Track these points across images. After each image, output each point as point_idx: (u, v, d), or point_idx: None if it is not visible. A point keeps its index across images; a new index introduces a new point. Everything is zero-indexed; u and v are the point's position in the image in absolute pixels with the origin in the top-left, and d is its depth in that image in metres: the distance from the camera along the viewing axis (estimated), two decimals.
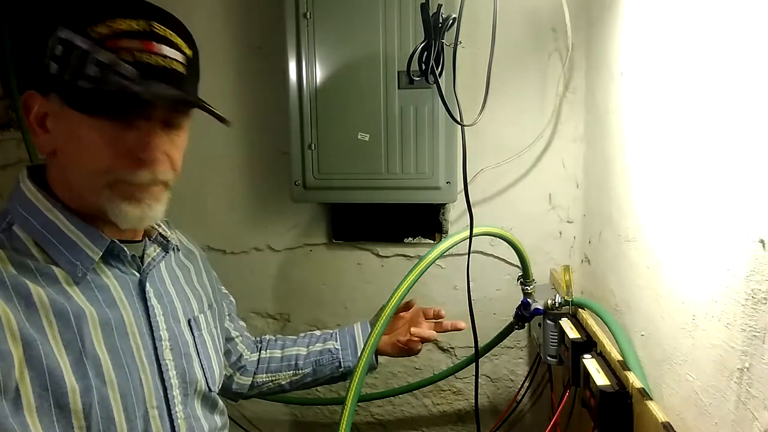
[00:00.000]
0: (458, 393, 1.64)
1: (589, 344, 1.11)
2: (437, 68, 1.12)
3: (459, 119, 1.09)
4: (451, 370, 1.50)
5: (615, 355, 1.03)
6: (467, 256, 1.15)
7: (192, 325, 0.92)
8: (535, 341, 1.38)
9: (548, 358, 1.24)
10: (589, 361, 1.04)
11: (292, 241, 1.60)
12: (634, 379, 0.94)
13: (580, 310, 1.23)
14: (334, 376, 1.18)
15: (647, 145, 1.00)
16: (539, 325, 1.28)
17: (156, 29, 0.74)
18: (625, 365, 0.99)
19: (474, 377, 1.25)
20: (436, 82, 1.12)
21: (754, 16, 0.67)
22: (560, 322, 1.21)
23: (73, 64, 0.70)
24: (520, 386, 1.56)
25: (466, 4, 1.06)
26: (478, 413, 1.31)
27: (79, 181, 0.76)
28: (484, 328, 1.32)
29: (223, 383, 1.04)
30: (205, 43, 0.84)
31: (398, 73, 1.31)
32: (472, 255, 1.16)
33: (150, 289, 0.84)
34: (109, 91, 0.70)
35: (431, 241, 1.54)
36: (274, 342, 1.21)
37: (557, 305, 1.23)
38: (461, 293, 1.54)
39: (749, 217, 0.68)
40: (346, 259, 1.59)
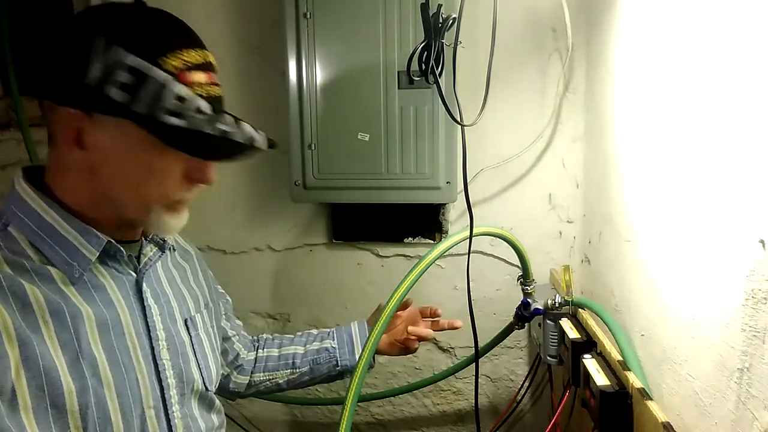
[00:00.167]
0: (458, 393, 1.64)
1: (589, 344, 1.11)
2: (437, 68, 1.12)
3: (459, 119, 1.09)
4: (451, 370, 1.50)
5: (615, 355, 1.03)
6: (467, 256, 1.15)
7: (189, 324, 0.92)
8: (535, 341, 1.38)
9: (548, 358, 1.24)
10: (589, 361, 1.04)
11: (292, 241, 1.60)
12: (634, 379, 0.94)
13: (580, 310, 1.23)
14: (331, 374, 1.18)
15: (647, 145, 1.00)
16: (539, 325, 1.28)
17: (210, 59, 0.77)
18: (625, 365, 0.99)
19: (474, 377, 1.25)
20: (436, 82, 1.12)
21: (755, 15, 0.67)
22: (560, 322, 1.21)
23: (149, 95, 0.70)
24: (520, 386, 1.56)
25: (466, 4, 1.06)
26: (478, 413, 1.31)
27: (128, 199, 0.77)
28: (484, 328, 1.32)
29: (221, 382, 1.04)
30: (205, 43, 0.84)
31: (398, 73, 1.31)
32: (472, 255, 1.16)
33: (147, 289, 0.84)
34: (208, 134, 0.73)
35: (431, 241, 1.54)
36: (271, 341, 1.21)
37: (557, 305, 1.23)
38: (461, 293, 1.54)
39: (749, 218, 0.68)
40: (346, 259, 1.59)
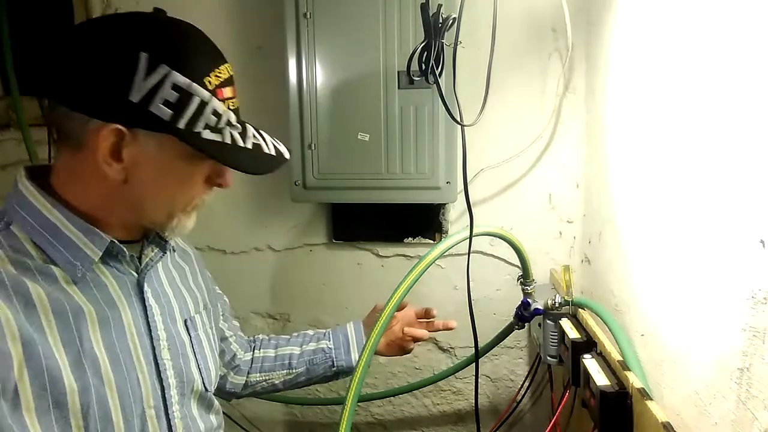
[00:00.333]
0: (458, 393, 1.64)
1: (589, 344, 1.11)
2: (437, 68, 1.12)
3: (459, 119, 1.09)
4: (451, 370, 1.51)
5: (615, 355, 1.03)
6: (467, 256, 1.15)
7: (188, 325, 0.92)
8: (535, 341, 1.38)
9: (548, 358, 1.24)
10: (589, 361, 1.04)
11: (292, 241, 1.60)
12: (634, 379, 0.94)
13: (580, 310, 1.23)
14: (327, 375, 1.19)
15: (648, 145, 1.00)
16: (539, 325, 1.28)
17: (231, 72, 0.79)
18: (625, 365, 0.99)
19: (474, 377, 1.25)
20: (436, 82, 1.12)
21: (754, 16, 0.67)
22: (560, 322, 1.21)
23: (191, 112, 0.73)
24: (520, 386, 1.56)
25: (466, 4, 1.06)
26: (478, 413, 1.31)
27: (156, 206, 0.80)
28: (484, 328, 1.32)
29: (217, 383, 1.04)
30: None
31: (398, 73, 1.31)
32: (472, 255, 1.16)
33: (148, 289, 0.85)
34: (242, 147, 0.78)
35: (431, 241, 1.54)
36: (268, 341, 1.21)
37: (557, 305, 1.23)
38: (461, 293, 1.54)
39: (749, 218, 0.68)
40: (346, 259, 1.60)
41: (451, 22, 1.10)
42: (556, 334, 1.22)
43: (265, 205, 1.58)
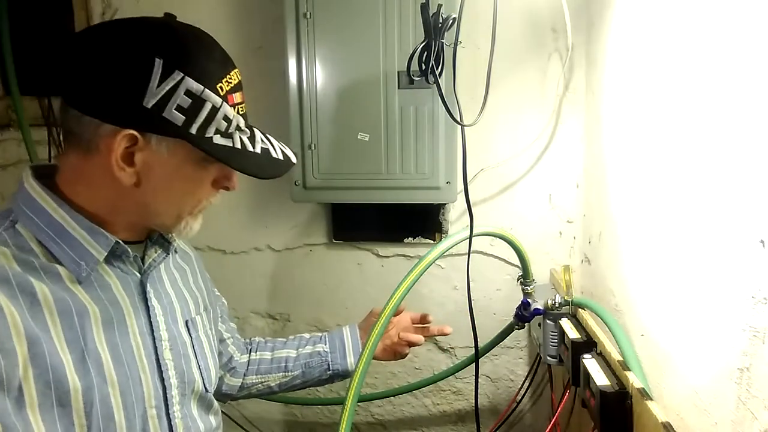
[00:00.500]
0: (458, 393, 1.64)
1: (589, 344, 1.11)
2: (437, 68, 1.13)
3: (459, 119, 1.09)
4: (451, 370, 1.51)
5: (615, 355, 1.03)
6: (467, 256, 1.15)
7: (189, 326, 0.92)
8: (535, 341, 1.38)
9: (548, 358, 1.24)
10: (589, 361, 1.04)
11: (292, 241, 1.60)
12: (634, 379, 0.94)
13: (580, 310, 1.23)
14: (323, 378, 1.20)
15: (647, 145, 1.00)
16: (539, 325, 1.28)
17: (240, 77, 0.80)
18: (625, 365, 0.99)
19: (474, 377, 1.25)
20: (436, 82, 1.12)
21: (753, 16, 0.67)
22: (560, 322, 1.21)
23: (203, 117, 0.74)
24: (520, 386, 1.56)
25: (466, 4, 1.06)
26: (478, 413, 1.31)
27: (166, 209, 0.81)
28: (484, 328, 1.32)
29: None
30: None
31: (398, 73, 1.31)
32: (472, 255, 1.16)
33: (150, 290, 0.85)
34: (251, 152, 0.80)
35: (431, 241, 1.54)
36: (264, 344, 1.21)
37: (557, 305, 1.23)
38: (461, 293, 1.55)
39: (749, 218, 0.68)
40: (346, 259, 1.60)
41: (451, 22, 1.10)
42: (556, 334, 1.22)
43: (265, 205, 1.58)
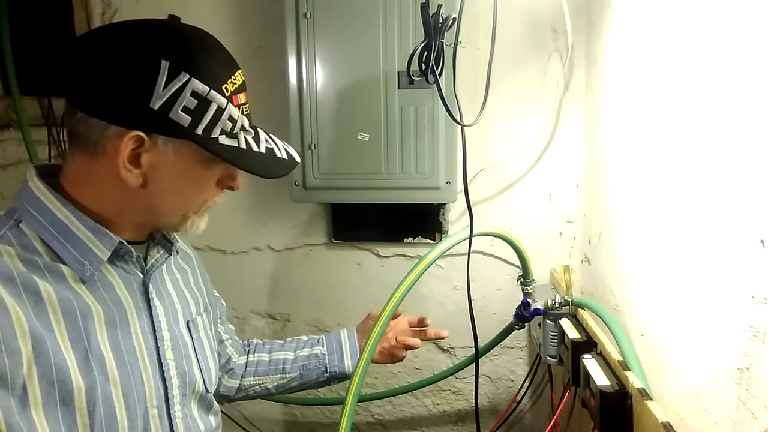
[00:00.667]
0: (458, 393, 1.64)
1: (589, 344, 1.11)
2: (437, 68, 1.13)
3: (459, 119, 1.09)
4: (451, 370, 1.51)
5: (615, 355, 1.03)
6: (467, 256, 1.15)
7: (190, 326, 0.92)
8: (535, 341, 1.38)
9: (548, 358, 1.24)
10: (589, 361, 1.04)
11: (292, 241, 1.60)
12: (634, 379, 0.94)
13: (580, 310, 1.23)
14: (320, 380, 1.20)
15: (647, 145, 1.00)
16: (539, 325, 1.28)
17: (244, 78, 0.81)
18: (625, 365, 0.99)
19: (474, 377, 1.26)
20: (436, 82, 1.12)
21: (756, 14, 0.67)
22: (560, 322, 1.21)
23: (209, 118, 0.75)
24: (520, 386, 1.56)
25: (466, 4, 1.06)
26: (478, 413, 1.31)
27: (173, 209, 0.82)
28: (484, 328, 1.32)
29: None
30: None
31: (398, 73, 1.31)
32: (472, 255, 1.16)
33: (153, 290, 0.85)
34: (256, 152, 0.80)
35: (431, 241, 1.54)
36: (262, 346, 1.21)
37: (557, 305, 1.23)
38: (461, 293, 1.55)
39: (749, 218, 0.68)
40: (346, 259, 1.60)
41: (451, 22, 1.10)
42: (556, 334, 1.22)
43: (265, 205, 1.58)
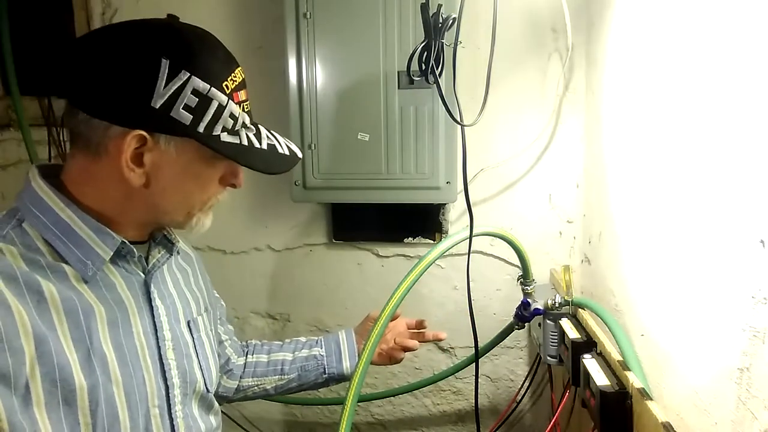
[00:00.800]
0: (458, 393, 1.64)
1: (589, 344, 1.11)
2: (437, 68, 1.13)
3: (459, 119, 1.09)
4: (451, 370, 1.51)
5: (615, 355, 1.03)
6: (467, 256, 1.15)
7: (191, 326, 0.93)
8: (535, 341, 1.38)
9: (548, 358, 1.24)
10: (589, 361, 1.04)
11: (292, 241, 1.60)
12: (634, 379, 0.94)
13: (580, 310, 1.23)
14: (318, 382, 1.20)
15: (647, 145, 1.00)
16: (539, 325, 1.28)
17: (244, 75, 0.81)
18: (625, 365, 0.99)
19: (474, 377, 1.26)
20: (436, 82, 1.12)
21: (756, 14, 0.67)
22: (560, 322, 1.21)
23: (210, 116, 0.75)
24: (520, 386, 1.56)
25: (466, 4, 1.06)
26: (478, 413, 1.31)
27: (176, 207, 0.82)
28: (484, 328, 1.32)
29: None
30: None
31: (398, 73, 1.31)
32: (472, 255, 1.16)
33: (154, 290, 0.85)
34: (258, 148, 0.80)
35: (431, 241, 1.54)
36: (261, 347, 1.21)
37: (557, 305, 1.23)
38: (461, 293, 1.55)
39: (749, 218, 0.68)
40: (346, 259, 1.60)
41: (451, 22, 1.10)
42: (556, 334, 1.22)
43: (265, 205, 1.58)
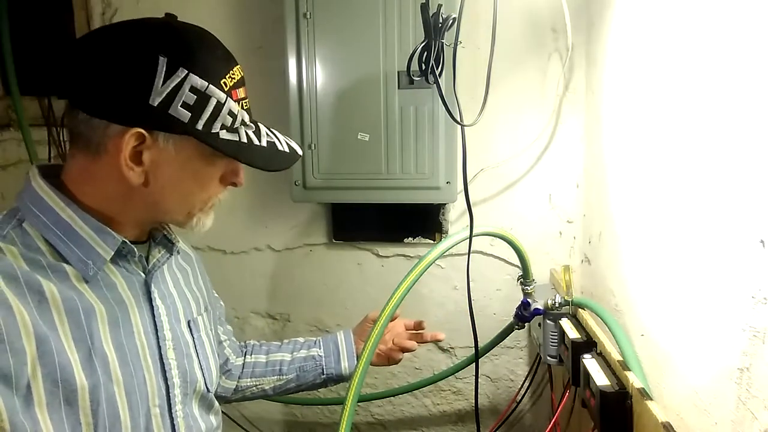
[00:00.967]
0: (458, 393, 1.64)
1: (589, 344, 1.11)
2: (437, 68, 1.13)
3: (459, 119, 1.09)
4: (451, 370, 1.51)
5: (615, 355, 1.03)
6: (467, 256, 1.15)
7: (191, 326, 0.93)
8: (535, 341, 1.38)
9: (548, 358, 1.24)
10: (589, 361, 1.04)
11: (292, 241, 1.60)
12: (634, 379, 0.94)
13: (580, 310, 1.24)
14: (317, 382, 1.20)
15: (647, 145, 1.00)
16: (539, 325, 1.28)
17: (242, 73, 0.81)
18: (625, 365, 0.99)
19: (474, 377, 1.26)
20: (436, 82, 1.12)
21: (756, 14, 0.67)
22: (560, 322, 1.21)
23: (209, 113, 0.75)
24: (520, 386, 1.56)
25: (466, 4, 1.06)
26: (478, 413, 1.31)
27: (176, 206, 0.82)
28: (484, 328, 1.32)
29: None
30: None
31: (398, 73, 1.31)
32: (472, 255, 1.16)
33: (155, 290, 0.85)
34: (257, 146, 0.80)
35: (431, 241, 1.54)
36: (259, 347, 1.21)
37: (557, 305, 1.23)
38: (461, 293, 1.55)
39: (749, 218, 0.68)
40: (346, 259, 1.60)
41: (451, 22, 1.10)
42: (556, 334, 1.22)
43: (265, 205, 1.58)
